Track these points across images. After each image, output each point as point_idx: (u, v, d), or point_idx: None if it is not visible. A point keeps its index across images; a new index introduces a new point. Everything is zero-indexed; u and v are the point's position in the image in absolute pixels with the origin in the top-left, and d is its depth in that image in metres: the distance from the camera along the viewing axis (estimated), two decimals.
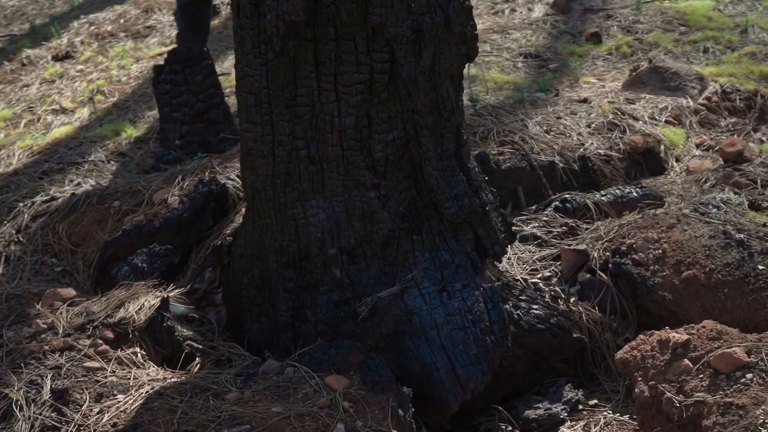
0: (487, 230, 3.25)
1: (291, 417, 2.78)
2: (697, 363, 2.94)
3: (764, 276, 3.40)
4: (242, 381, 3.00)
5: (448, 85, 3.10)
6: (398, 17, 2.97)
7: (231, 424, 2.77)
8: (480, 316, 3.07)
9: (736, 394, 2.81)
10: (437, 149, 3.13)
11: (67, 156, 4.96)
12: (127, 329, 3.27)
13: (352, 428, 2.75)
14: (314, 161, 3.14)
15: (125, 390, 3.02)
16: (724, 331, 3.03)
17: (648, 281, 3.54)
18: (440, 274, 3.19)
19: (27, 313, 3.43)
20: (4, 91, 6.61)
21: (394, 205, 3.16)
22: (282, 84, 3.08)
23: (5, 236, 4.26)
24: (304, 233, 3.20)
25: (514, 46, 6.32)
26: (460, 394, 3.04)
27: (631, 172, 4.54)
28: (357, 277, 3.20)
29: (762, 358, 2.90)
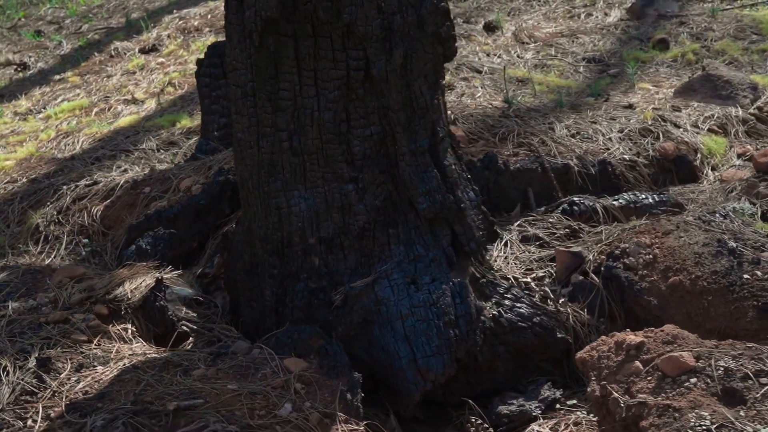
0: (464, 227, 3.33)
1: (244, 394, 2.92)
2: (648, 365, 2.97)
3: (749, 285, 3.38)
4: (212, 359, 3.15)
5: (421, 84, 3.19)
6: (368, 16, 3.08)
7: (186, 397, 2.92)
8: (445, 310, 3.15)
9: (676, 398, 2.83)
10: (411, 145, 3.23)
11: (122, 144, 5.21)
12: (120, 306, 3.46)
13: (299, 408, 2.87)
14: (296, 153, 3.27)
15: (105, 362, 3.20)
16: (680, 335, 3.04)
17: (635, 285, 3.56)
18: (414, 267, 3.28)
19: (37, 287, 3.65)
20: (89, 80, 6.95)
21: (371, 198, 3.27)
22: (264, 78, 3.22)
23: (47, 216, 4.52)
24: (286, 222, 3.33)
25: (579, 50, 6.32)
26: (420, 384, 3.12)
27: (659, 179, 4.52)
28: (334, 267, 3.32)
29: (710, 364, 2.91)
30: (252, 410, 2.87)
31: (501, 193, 4.09)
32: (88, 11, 8.83)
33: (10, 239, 4.49)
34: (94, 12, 8.80)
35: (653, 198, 4.18)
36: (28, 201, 4.70)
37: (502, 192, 4.09)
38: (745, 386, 2.81)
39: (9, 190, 4.89)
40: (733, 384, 2.82)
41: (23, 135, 5.94)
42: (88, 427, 2.80)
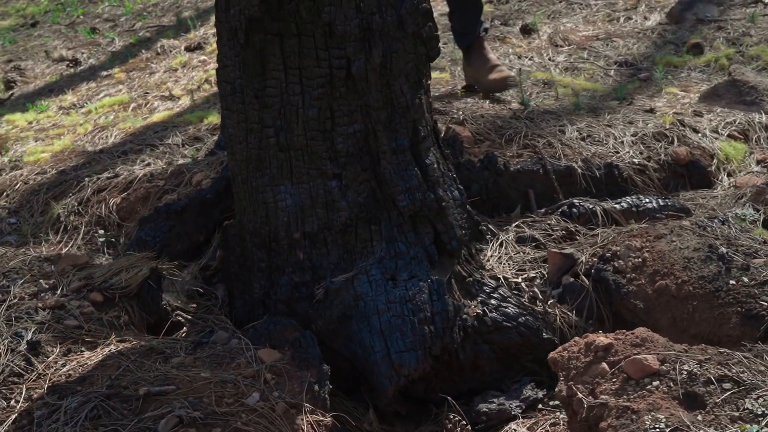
0: (445, 225, 3.38)
1: (215, 382, 3.00)
2: (614, 367, 2.99)
3: (734, 292, 3.38)
4: (192, 348, 3.24)
5: (402, 83, 3.25)
6: (347, 16, 3.14)
7: (160, 383, 3.01)
8: (420, 307, 3.20)
9: (637, 400, 2.85)
10: (391, 144, 3.28)
11: (149, 138, 5.34)
12: (115, 294, 3.57)
13: (266, 398, 2.95)
14: (283, 149, 3.35)
15: (93, 348, 3.31)
16: (649, 338, 3.05)
17: (622, 288, 3.57)
18: (394, 264, 3.33)
19: (42, 274, 3.79)
20: (133, 77, 7.12)
21: (353, 195, 3.34)
22: (252, 75, 3.30)
23: (68, 207, 4.66)
24: (273, 216, 3.41)
25: (612, 54, 6.31)
26: (394, 378, 3.17)
27: (670, 184, 4.51)
28: (318, 261, 3.39)
29: (675, 367, 2.92)
30: (221, 398, 2.95)
31: (500, 194, 4.12)
32: (143, 9, 9.03)
33: (33, 228, 4.64)
34: (149, 10, 9.00)
35: (657, 202, 4.17)
36: (53, 192, 4.84)
37: (501, 192, 4.12)
38: (707, 391, 2.82)
39: (37, 181, 5.04)
40: (695, 388, 2.83)
41: (63, 128, 6.11)
42: (63, 408, 2.91)
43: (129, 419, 2.84)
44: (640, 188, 4.42)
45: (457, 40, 5.53)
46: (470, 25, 5.41)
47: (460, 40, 5.47)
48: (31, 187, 5.04)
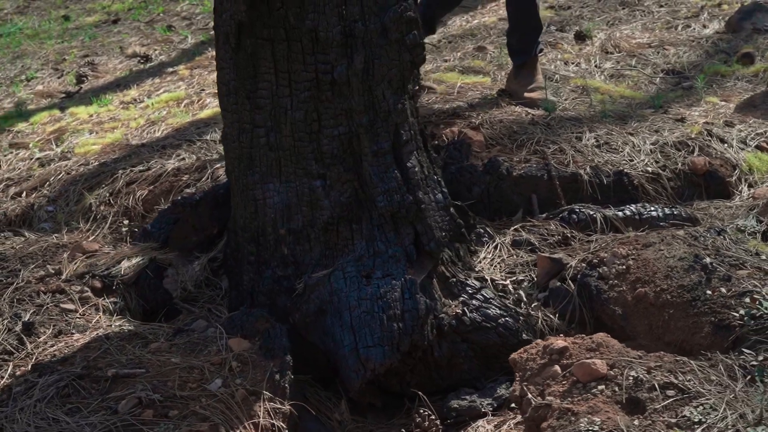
0: (424, 227, 3.47)
1: (183, 368, 3.15)
2: (565, 370, 3.04)
3: (711, 302, 3.39)
4: (172, 334, 3.39)
5: (384, 88, 3.35)
6: (329, 22, 3.26)
7: (132, 366, 3.17)
8: (390, 304, 3.29)
9: (580, 402, 2.90)
10: (372, 147, 3.39)
11: (190, 134, 5.53)
12: (113, 281, 3.75)
13: (228, 384, 3.08)
14: (272, 149, 3.49)
15: (83, 330, 3.50)
16: (605, 344, 3.10)
17: (603, 294, 3.61)
18: (372, 262, 3.44)
19: (53, 259, 3.99)
20: (195, 74, 7.35)
21: (336, 194, 3.45)
22: (244, 77, 3.44)
23: (100, 197, 4.88)
24: (261, 213, 3.55)
25: (661, 61, 6.28)
26: (361, 372, 3.27)
27: (685, 193, 4.50)
28: (301, 257, 3.52)
29: (623, 373, 2.97)
30: (185, 382, 3.09)
31: (502, 198, 4.18)
32: None
33: (67, 216, 4.86)
34: None
35: (663, 211, 4.18)
36: (89, 183, 5.06)
37: (503, 196, 4.18)
38: (649, 397, 2.86)
39: (78, 172, 5.27)
40: (639, 394, 2.88)
41: (118, 122, 6.35)
42: (38, 386, 3.08)
43: (94, 398, 3.00)
44: (652, 197, 4.43)
45: (512, 55, 5.59)
46: (528, 45, 5.47)
47: (516, 57, 5.53)
48: (72, 177, 5.27)
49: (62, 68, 8.30)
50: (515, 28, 5.41)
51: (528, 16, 5.32)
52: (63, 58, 8.62)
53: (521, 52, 5.38)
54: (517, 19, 5.37)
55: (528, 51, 5.36)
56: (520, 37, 5.38)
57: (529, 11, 5.29)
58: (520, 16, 5.33)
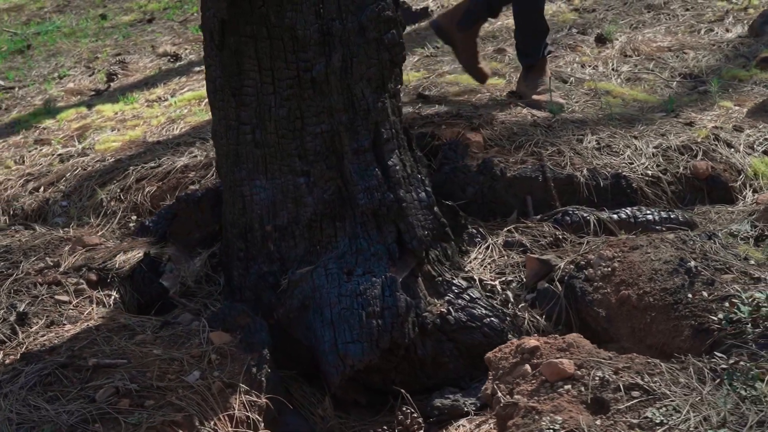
0: (406, 225, 3.51)
1: (163, 359, 3.23)
2: (535, 369, 3.07)
3: (692, 305, 3.40)
4: (158, 327, 3.47)
5: (363, 87, 3.41)
6: (307, 21, 3.33)
7: (114, 357, 3.25)
8: (370, 301, 3.34)
9: (546, 401, 2.93)
10: (353, 144, 3.44)
11: (205, 132, 5.62)
12: (108, 274, 3.84)
13: (206, 377, 3.15)
14: (258, 146, 3.55)
15: (75, 321, 3.59)
16: (576, 344, 3.13)
17: (587, 296, 3.64)
18: (355, 260, 3.49)
19: (54, 252, 4.09)
20: None
21: (319, 192, 3.51)
22: (229, 75, 3.51)
23: (111, 193, 4.98)
24: (249, 209, 3.62)
25: (679, 65, 6.27)
26: (340, 367, 3.32)
27: (687, 198, 4.50)
28: (286, 253, 3.58)
29: (590, 373, 2.99)
30: (164, 373, 3.16)
31: (496, 199, 4.21)
32: None
33: (79, 211, 4.97)
34: None
35: (659, 214, 4.19)
36: (103, 179, 5.17)
37: (497, 197, 4.21)
38: (614, 397, 2.88)
39: (94, 168, 5.38)
40: (604, 394, 2.90)
41: (140, 120, 6.46)
42: (24, 373, 3.18)
43: (75, 387, 3.09)
44: (651, 200, 4.43)
45: (520, 57, 5.62)
46: (535, 47, 5.49)
47: (523, 59, 5.56)
48: (87, 173, 5.38)
49: (94, 66, 8.44)
50: (521, 31, 5.44)
51: (533, 18, 5.35)
52: (96, 57, 8.76)
53: (528, 54, 5.41)
54: (523, 21, 5.40)
55: (535, 53, 5.39)
56: (527, 39, 5.41)
57: (535, 13, 5.32)
58: (526, 18, 5.36)
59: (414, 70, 6.48)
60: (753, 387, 2.94)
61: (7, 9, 11.39)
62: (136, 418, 2.92)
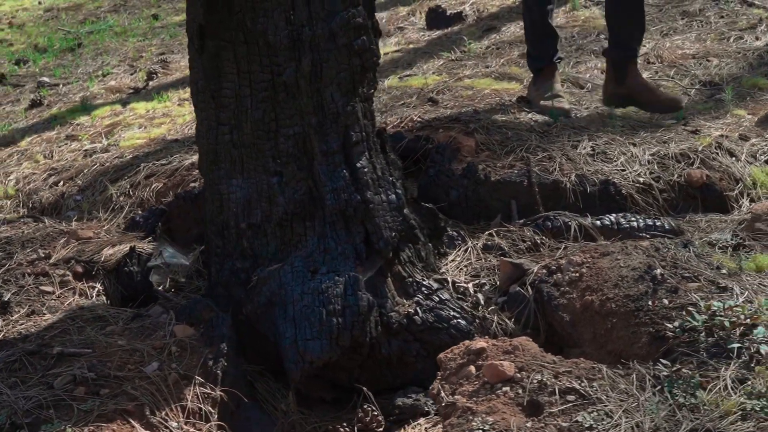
0: (374, 226, 3.59)
1: (126, 350, 3.34)
2: (479, 370, 3.13)
3: (652, 312, 3.42)
4: (130, 319, 3.59)
5: (333, 91, 3.50)
6: (277, 26, 3.43)
7: (81, 346, 3.38)
8: (331, 299, 3.42)
9: (482, 402, 2.99)
10: (322, 146, 3.53)
11: None
12: (93, 267, 3.97)
13: (163, 368, 3.26)
14: (236, 146, 3.66)
15: (54, 311, 3.72)
16: (521, 347, 3.18)
17: (553, 301, 3.67)
18: (322, 259, 3.57)
19: (49, 244, 4.24)
20: None
21: (291, 192, 3.61)
22: (209, 77, 3.63)
23: (121, 188, 5.14)
24: (226, 207, 3.72)
25: (701, 73, 6.24)
26: (300, 364, 3.41)
27: (679, 206, 4.51)
28: (258, 251, 3.68)
29: (529, 376, 3.04)
30: (124, 364, 3.28)
31: (480, 203, 4.26)
32: None
33: (90, 206, 5.13)
34: None
35: (644, 222, 4.20)
36: (116, 174, 5.33)
37: (482, 201, 4.26)
38: (549, 401, 2.94)
39: (111, 164, 5.54)
40: (540, 397, 2.95)
41: (168, 118, 6.63)
42: None
43: (37, 373, 3.22)
44: (641, 207, 4.45)
45: (528, 61, 5.66)
46: (544, 51, 5.53)
47: (532, 63, 5.60)
48: (105, 168, 5.54)
49: (137, 65, 8.64)
50: (529, 33, 5.47)
51: (541, 22, 5.37)
52: (140, 56, 8.96)
53: (537, 57, 5.45)
54: (533, 24, 5.43)
55: (543, 57, 5.42)
56: (535, 41, 5.44)
57: (542, 18, 5.35)
58: (534, 21, 5.39)
59: (436, 73, 6.54)
60: (693, 395, 2.96)
61: (66, 8, 11.67)
62: (88, 406, 3.04)
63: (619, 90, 5.39)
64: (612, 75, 5.44)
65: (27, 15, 11.63)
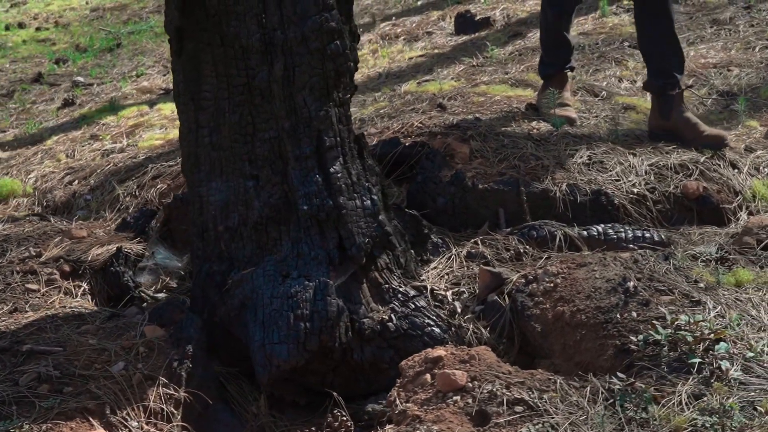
0: (346, 232, 3.61)
1: (94, 349, 3.41)
2: (434, 379, 3.14)
3: (620, 325, 3.41)
4: (106, 318, 3.66)
5: (306, 95, 3.53)
6: (249, 30, 3.47)
7: (53, 344, 3.45)
8: (299, 304, 3.45)
9: (432, 411, 3.01)
10: (295, 151, 3.57)
11: None
12: (79, 266, 4.05)
13: (129, 368, 3.32)
14: (215, 149, 3.71)
15: (37, 309, 3.81)
16: (478, 356, 3.19)
17: (526, 311, 3.67)
18: (295, 263, 3.61)
19: (44, 242, 4.33)
20: None
21: (266, 196, 3.64)
22: (189, 79, 3.68)
23: (128, 189, 5.23)
24: (205, 209, 3.77)
25: (720, 82, 6.18)
26: (267, 367, 3.44)
27: (674, 217, 4.47)
28: (235, 254, 3.73)
29: (481, 386, 3.05)
30: (92, 363, 3.35)
31: (468, 210, 4.26)
32: None
33: (98, 205, 5.23)
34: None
35: (632, 233, 4.18)
36: (126, 175, 5.42)
37: (469, 209, 4.26)
38: (497, 411, 2.95)
39: (124, 165, 5.64)
40: (488, 408, 2.96)
41: None
42: None
43: (5, 370, 3.30)
44: (634, 218, 4.42)
45: (540, 67, 5.65)
46: (556, 59, 5.51)
47: (543, 69, 5.58)
48: (117, 168, 5.64)
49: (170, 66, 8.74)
50: (543, 40, 5.46)
51: (555, 31, 5.35)
52: None
53: (548, 64, 5.43)
54: (547, 32, 5.42)
55: (554, 64, 5.40)
56: (548, 49, 5.42)
57: (557, 27, 5.32)
58: (549, 29, 5.38)
59: (454, 79, 6.54)
60: (644, 409, 2.95)
61: (111, 8, 11.87)
62: (50, 403, 3.10)
63: (664, 124, 5.06)
64: (656, 107, 5.08)
65: (73, 14, 11.84)
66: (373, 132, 5.08)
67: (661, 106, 5.03)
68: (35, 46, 10.35)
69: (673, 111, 4.99)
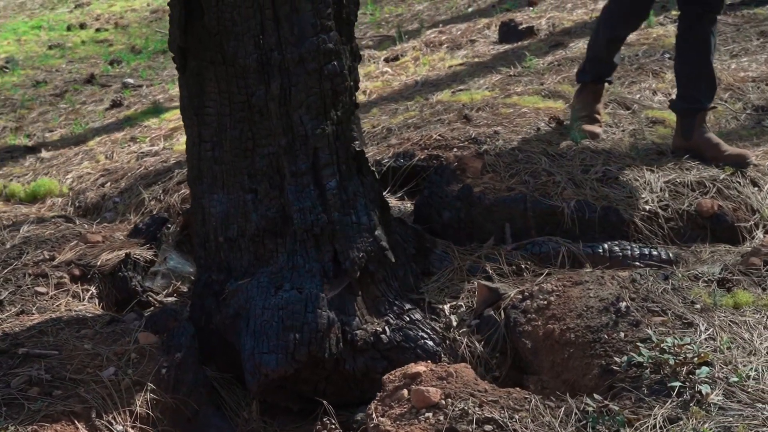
0: (341, 246, 3.66)
1: (88, 353, 3.50)
2: (410, 394, 3.17)
3: (607, 346, 3.41)
4: (106, 324, 3.75)
5: (302, 114, 3.58)
6: (246, 50, 3.53)
7: (50, 348, 3.55)
8: (290, 315, 3.51)
9: (403, 427, 3.04)
10: (291, 167, 3.63)
11: None
12: (89, 270, 4.15)
13: (118, 373, 3.40)
14: (217, 162, 3.79)
15: (43, 312, 3.91)
16: (456, 374, 3.21)
17: (518, 327, 3.68)
18: (290, 275, 3.67)
19: (60, 245, 4.45)
20: None
21: (264, 209, 3.71)
22: (193, 95, 3.76)
23: (154, 193, 5.33)
24: (207, 220, 3.85)
25: (756, 97, 6.10)
26: (256, 375, 3.51)
27: (686, 235, 4.44)
28: (233, 264, 3.80)
29: (454, 404, 3.07)
30: (84, 367, 3.43)
31: (473, 225, 4.28)
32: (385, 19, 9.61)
33: (125, 208, 5.35)
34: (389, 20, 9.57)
35: (639, 251, 4.16)
36: (154, 179, 5.53)
37: (475, 223, 4.27)
38: (466, 429, 2.97)
39: (155, 168, 5.75)
40: (459, 425, 2.99)
41: None
42: None
43: (0, 371, 3.39)
44: (645, 236, 4.39)
45: (578, 73, 5.64)
46: (595, 71, 5.49)
47: (580, 75, 5.57)
48: (147, 172, 5.76)
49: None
50: (589, 49, 5.45)
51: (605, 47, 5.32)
52: None
53: (586, 72, 5.41)
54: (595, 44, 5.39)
55: (592, 74, 5.37)
56: (591, 60, 5.40)
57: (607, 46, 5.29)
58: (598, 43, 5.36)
59: (489, 89, 6.54)
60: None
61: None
62: (38, 405, 3.19)
63: (686, 145, 5.06)
64: (679, 128, 5.11)
65: (134, 16, 12.05)
66: (394, 143, 5.11)
67: (683, 127, 5.01)
68: (93, 47, 10.56)
69: (695, 131, 4.95)
